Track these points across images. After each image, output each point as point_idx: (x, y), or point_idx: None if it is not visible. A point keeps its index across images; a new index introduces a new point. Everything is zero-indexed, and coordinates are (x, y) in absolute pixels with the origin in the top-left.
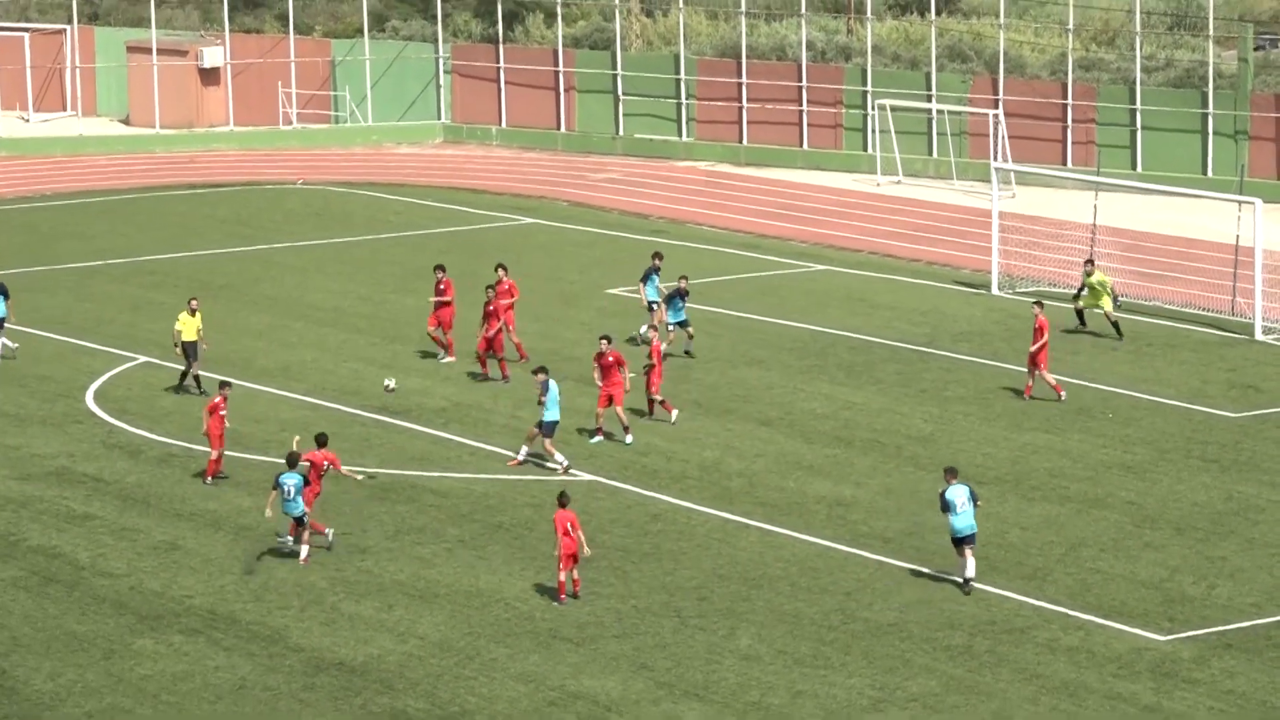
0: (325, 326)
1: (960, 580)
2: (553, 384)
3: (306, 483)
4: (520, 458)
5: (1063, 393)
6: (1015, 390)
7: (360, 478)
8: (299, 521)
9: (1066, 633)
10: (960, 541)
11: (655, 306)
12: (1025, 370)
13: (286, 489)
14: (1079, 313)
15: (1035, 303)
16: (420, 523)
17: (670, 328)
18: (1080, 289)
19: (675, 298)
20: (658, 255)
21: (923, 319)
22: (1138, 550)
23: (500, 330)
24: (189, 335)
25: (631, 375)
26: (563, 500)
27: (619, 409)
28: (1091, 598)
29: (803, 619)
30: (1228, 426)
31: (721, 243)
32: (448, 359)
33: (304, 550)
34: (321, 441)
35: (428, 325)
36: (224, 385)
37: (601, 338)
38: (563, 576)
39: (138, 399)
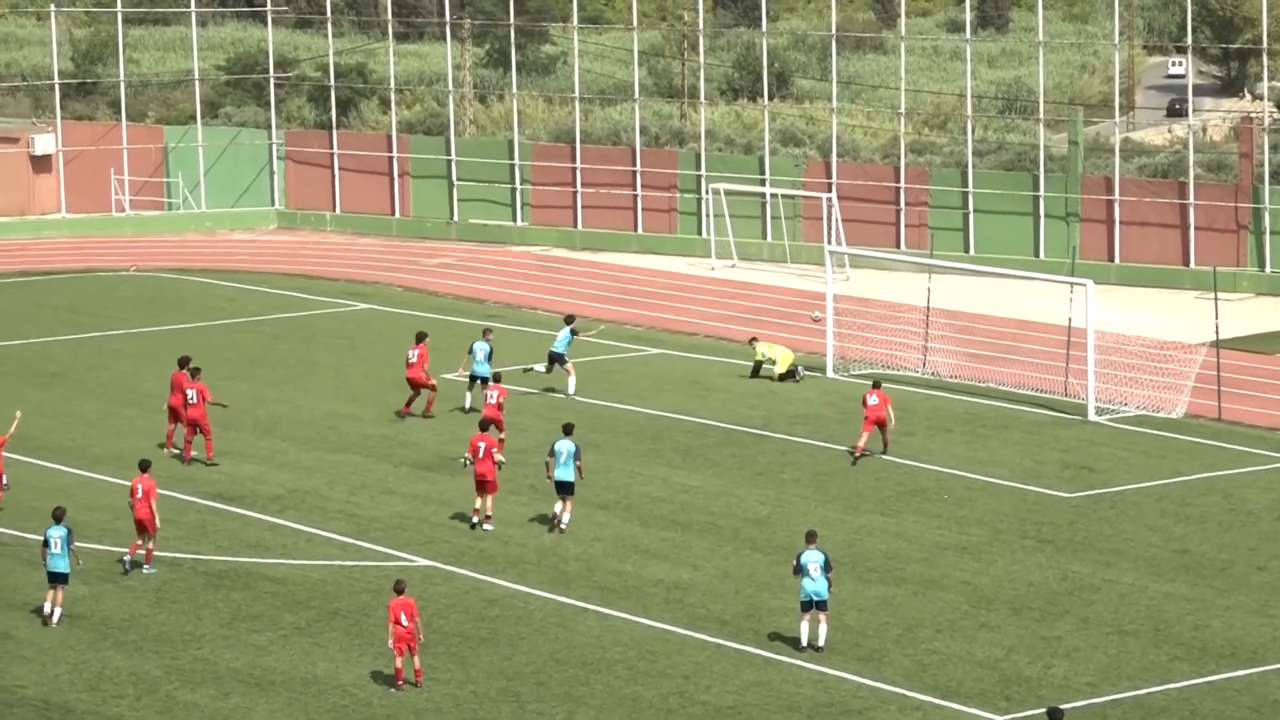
0: (158, 414)
1: (804, 645)
2: (559, 444)
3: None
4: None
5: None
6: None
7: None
8: (60, 579)
9: (904, 713)
10: (809, 606)
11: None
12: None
13: (53, 543)
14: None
15: (874, 384)
16: (256, 610)
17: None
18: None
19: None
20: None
21: (758, 402)
22: (974, 630)
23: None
24: None
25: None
26: (399, 587)
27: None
28: (928, 678)
29: (641, 703)
30: (1062, 507)
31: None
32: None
33: (57, 612)
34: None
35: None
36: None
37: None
38: (399, 662)
39: None
